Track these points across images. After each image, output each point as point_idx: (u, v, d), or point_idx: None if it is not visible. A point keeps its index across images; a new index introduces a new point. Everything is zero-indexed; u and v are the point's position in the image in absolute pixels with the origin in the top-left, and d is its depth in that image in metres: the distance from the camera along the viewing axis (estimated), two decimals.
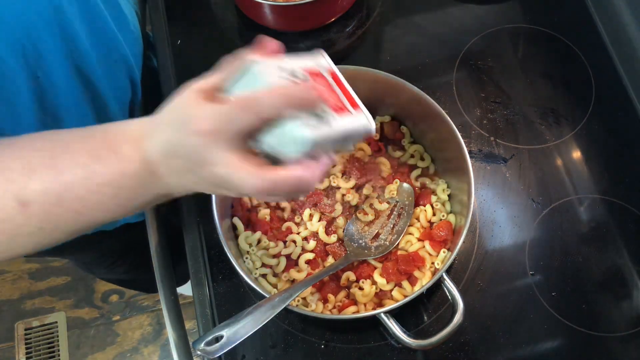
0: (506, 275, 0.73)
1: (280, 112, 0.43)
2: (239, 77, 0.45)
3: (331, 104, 0.47)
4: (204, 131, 0.43)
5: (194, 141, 0.43)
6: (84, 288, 1.65)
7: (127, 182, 0.47)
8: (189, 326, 1.37)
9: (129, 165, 0.47)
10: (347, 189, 0.73)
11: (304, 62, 0.49)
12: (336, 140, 0.47)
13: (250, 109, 0.43)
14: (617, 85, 0.84)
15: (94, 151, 0.47)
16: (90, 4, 0.67)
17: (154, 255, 0.76)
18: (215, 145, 0.43)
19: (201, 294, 0.72)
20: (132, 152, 0.47)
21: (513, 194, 0.77)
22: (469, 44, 0.87)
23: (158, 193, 0.49)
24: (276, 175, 0.44)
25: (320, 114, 0.45)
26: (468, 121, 0.82)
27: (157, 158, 0.46)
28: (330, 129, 0.45)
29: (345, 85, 0.51)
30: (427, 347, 0.61)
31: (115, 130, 0.49)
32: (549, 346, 0.70)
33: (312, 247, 0.71)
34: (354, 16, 0.90)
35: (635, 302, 0.72)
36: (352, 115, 0.48)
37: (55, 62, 0.63)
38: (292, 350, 0.70)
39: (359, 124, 0.49)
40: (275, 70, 0.45)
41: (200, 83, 0.46)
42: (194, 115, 0.44)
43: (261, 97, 0.43)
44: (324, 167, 0.47)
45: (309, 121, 0.44)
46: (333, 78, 0.51)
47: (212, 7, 0.92)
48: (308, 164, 0.45)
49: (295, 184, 0.45)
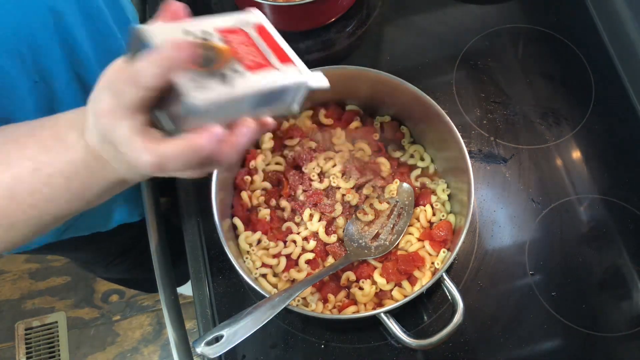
0: (506, 275, 0.73)
1: (166, 78, 0.40)
2: (140, 49, 0.41)
3: (249, 63, 0.43)
4: (105, 111, 0.41)
5: (103, 122, 0.42)
6: (84, 288, 1.65)
7: (75, 170, 0.46)
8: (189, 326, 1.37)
9: (75, 153, 0.46)
10: (347, 189, 0.73)
11: (220, 21, 0.45)
12: (259, 101, 0.43)
13: (130, 80, 0.40)
14: (617, 85, 0.84)
15: (43, 142, 0.47)
16: (92, 7, 0.67)
17: (154, 255, 0.76)
18: (115, 124, 0.41)
19: (201, 294, 0.72)
20: (78, 139, 0.45)
21: (513, 194, 0.77)
22: (469, 44, 0.87)
23: (110, 180, 0.47)
24: (167, 147, 0.41)
25: (229, 74, 0.41)
26: (468, 121, 0.82)
27: (96, 144, 0.45)
28: (236, 90, 0.41)
29: (277, 40, 0.47)
30: (427, 347, 0.61)
31: (64, 119, 0.48)
32: (549, 346, 0.70)
33: (312, 247, 0.71)
34: (354, 16, 0.90)
35: (635, 302, 0.72)
36: (278, 71, 0.44)
37: (55, 69, 0.64)
38: (292, 350, 0.70)
39: (288, 80, 0.44)
40: (175, 34, 0.42)
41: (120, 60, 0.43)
42: (99, 96, 0.42)
43: (139, 66, 0.40)
44: (247, 132, 0.44)
45: (212, 84, 0.40)
46: (261, 34, 0.46)
47: (212, 7, 0.92)
48: (212, 131, 0.42)
49: (197, 154, 0.41)
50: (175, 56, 0.40)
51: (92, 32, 0.67)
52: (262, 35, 0.47)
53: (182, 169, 0.43)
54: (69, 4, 0.62)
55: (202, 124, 0.41)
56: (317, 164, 0.74)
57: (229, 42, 0.44)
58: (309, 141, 0.75)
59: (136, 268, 1.16)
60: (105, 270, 1.18)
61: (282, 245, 0.71)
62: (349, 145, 0.76)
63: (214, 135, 0.42)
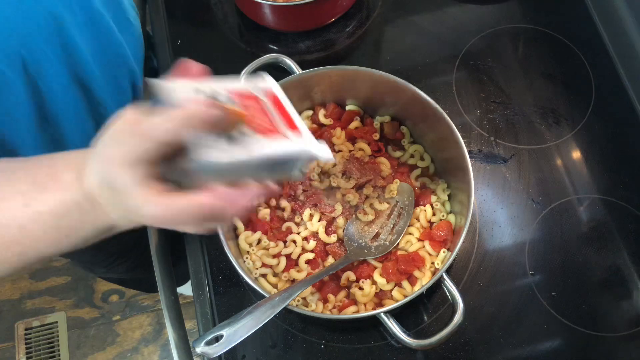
0: (506, 275, 0.73)
1: (178, 135, 0.41)
2: (154, 103, 0.43)
3: (257, 127, 0.44)
4: (113, 159, 0.42)
5: (108, 169, 0.42)
6: (84, 288, 1.65)
7: (67, 211, 0.45)
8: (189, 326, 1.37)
9: (68, 193, 0.45)
10: (347, 189, 0.73)
11: (234, 84, 0.46)
12: (264, 166, 0.44)
13: (143, 133, 0.41)
14: (617, 85, 0.84)
15: (37, 179, 0.46)
16: (92, 10, 0.67)
17: (154, 255, 0.76)
18: (123, 174, 0.41)
19: (201, 294, 0.72)
20: (73, 180, 0.45)
21: (513, 194, 0.77)
22: (469, 44, 0.87)
23: (100, 224, 0.47)
24: (176, 202, 0.42)
25: (237, 137, 0.42)
26: (468, 121, 0.82)
27: (94, 188, 0.44)
28: (247, 152, 0.42)
29: (287, 109, 0.48)
30: (427, 347, 0.61)
31: (62, 159, 0.47)
32: (549, 346, 0.70)
33: (312, 247, 0.71)
34: (354, 16, 0.90)
35: (635, 302, 0.72)
36: (287, 139, 0.45)
37: (55, 72, 0.64)
38: (292, 350, 0.70)
39: (296, 148, 0.45)
40: (188, 92, 0.43)
41: (131, 110, 0.44)
42: (109, 144, 0.43)
43: (155, 121, 0.41)
44: (250, 194, 0.44)
45: (220, 145, 0.41)
46: (273, 102, 0.48)
47: (212, 7, 0.92)
48: (217, 191, 0.43)
49: (200, 211, 0.42)
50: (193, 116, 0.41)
51: (93, 35, 0.67)
52: (272, 101, 0.47)
53: (184, 223, 0.43)
54: (69, 8, 0.62)
55: (208, 182, 0.43)
56: (317, 164, 0.74)
57: (240, 104, 0.45)
58: None
59: (136, 268, 1.16)
60: (105, 271, 1.18)
61: (282, 245, 0.71)
62: (349, 145, 0.76)
63: (221, 194, 0.43)
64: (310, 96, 0.76)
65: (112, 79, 0.74)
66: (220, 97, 0.44)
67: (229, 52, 0.89)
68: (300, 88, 0.74)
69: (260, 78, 0.49)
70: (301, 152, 0.45)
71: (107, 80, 0.72)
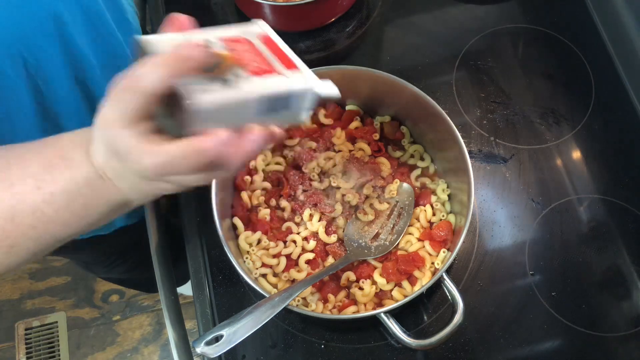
0: (506, 275, 0.73)
1: (167, 81, 0.39)
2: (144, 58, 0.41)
3: (253, 69, 0.42)
4: (109, 122, 0.41)
5: (108, 134, 0.42)
6: (84, 288, 1.65)
7: (79, 188, 0.45)
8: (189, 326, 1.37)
9: (79, 171, 0.45)
10: (347, 189, 0.73)
11: (224, 31, 0.45)
12: (265, 107, 0.42)
13: (131, 87, 0.40)
14: (617, 85, 0.84)
15: (47, 160, 0.46)
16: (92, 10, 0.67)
17: (154, 255, 0.76)
18: (119, 133, 0.41)
19: (201, 294, 0.72)
20: (82, 158, 0.45)
21: (513, 194, 0.77)
22: (469, 44, 0.87)
23: (113, 200, 0.47)
24: (171, 148, 0.40)
25: (232, 79, 0.41)
26: (468, 121, 0.82)
27: (101, 161, 0.44)
28: (239, 92, 0.41)
29: (283, 49, 0.46)
30: (427, 347, 0.61)
31: (68, 138, 0.47)
32: (549, 346, 0.70)
33: (312, 247, 0.71)
34: (354, 16, 0.90)
35: (635, 302, 0.72)
36: (283, 76, 0.43)
37: (56, 72, 0.64)
38: (292, 350, 0.70)
39: (294, 85, 0.43)
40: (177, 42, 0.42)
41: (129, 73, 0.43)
42: (104, 109, 0.42)
43: (140, 71, 0.40)
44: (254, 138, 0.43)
45: (210, 88, 0.40)
46: (268, 45, 0.46)
47: (212, 7, 0.92)
48: (219, 135, 0.41)
49: (202, 156, 0.41)
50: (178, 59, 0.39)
51: (94, 35, 0.68)
52: (267, 44, 0.46)
53: (186, 172, 0.42)
54: (70, 8, 0.62)
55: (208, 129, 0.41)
56: (317, 164, 0.74)
57: (232, 49, 0.44)
58: (308, 141, 0.75)
59: (136, 268, 1.16)
60: (105, 271, 1.18)
61: (282, 245, 0.71)
62: (349, 145, 0.76)
63: (219, 138, 0.41)
64: None
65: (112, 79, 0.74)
66: (213, 45, 0.43)
67: None
68: None
69: (253, 24, 0.47)
70: (302, 89, 0.44)
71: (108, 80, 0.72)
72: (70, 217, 0.47)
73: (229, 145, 0.42)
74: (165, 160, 0.41)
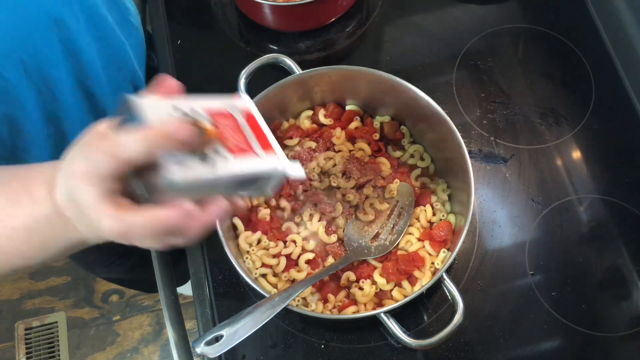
0: (506, 275, 0.73)
1: (148, 155, 0.40)
2: (128, 119, 0.42)
3: (231, 146, 0.44)
4: (77, 173, 0.41)
5: (72, 184, 0.42)
6: (84, 288, 1.65)
7: (38, 225, 0.46)
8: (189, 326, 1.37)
9: (39, 208, 0.45)
10: (347, 189, 0.73)
11: (210, 102, 0.46)
12: (234, 184, 0.44)
13: (109, 151, 0.40)
14: (617, 85, 0.84)
15: (12, 193, 0.46)
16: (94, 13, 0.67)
17: (154, 255, 0.76)
18: (84, 187, 0.41)
19: (201, 294, 0.72)
20: (45, 195, 0.45)
21: (513, 194, 0.77)
22: (469, 44, 0.87)
23: (71, 239, 0.47)
24: (135, 217, 0.41)
25: (211, 156, 0.42)
26: (468, 121, 0.82)
27: (61, 201, 0.44)
28: (213, 171, 0.42)
29: (262, 128, 0.49)
30: (427, 347, 0.61)
31: (36, 172, 0.47)
32: (549, 346, 0.70)
33: (312, 247, 0.71)
34: (354, 16, 0.90)
35: (635, 302, 0.72)
36: (258, 158, 0.46)
37: (58, 75, 0.64)
38: (292, 350, 0.70)
39: (266, 167, 0.46)
40: (164, 109, 0.43)
41: (104, 124, 0.44)
42: (75, 158, 0.42)
43: (124, 140, 0.40)
44: (216, 211, 0.44)
45: (191, 163, 0.41)
46: (249, 121, 0.48)
47: (212, 7, 0.92)
48: (180, 206, 0.42)
49: (159, 226, 0.42)
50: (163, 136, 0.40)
51: (95, 38, 0.67)
52: (248, 121, 0.48)
53: (143, 238, 0.43)
54: (72, 12, 0.62)
55: (175, 198, 0.42)
56: (317, 164, 0.74)
57: (216, 124, 0.45)
58: (308, 141, 0.75)
59: (136, 268, 1.16)
60: (105, 271, 1.18)
61: (282, 245, 0.71)
62: (349, 145, 0.76)
63: (183, 211, 0.42)
64: (310, 96, 0.76)
65: (114, 81, 0.74)
66: (196, 115, 0.44)
67: (229, 52, 0.89)
68: (300, 88, 0.74)
69: (237, 97, 0.49)
70: (271, 171, 0.46)
71: (110, 82, 0.72)
72: (29, 251, 0.47)
73: (191, 218, 0.43)
74: (124, 228, 0.41)
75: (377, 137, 0.76)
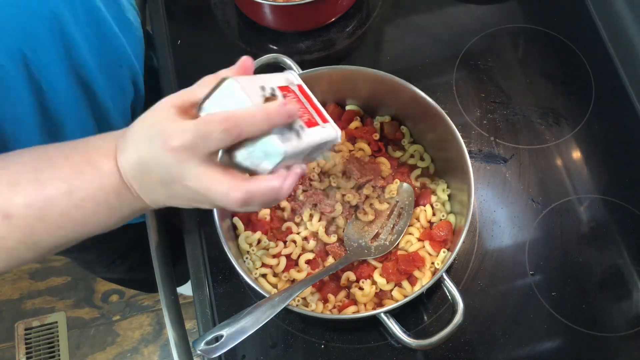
0: (506, 275, 0.73)
1: (261, 131, 0.44)
2: (214, 94, 0.45)
3: (304, 119, 0.49)
4: (177, 147, 0.43)
5: (166, 157, 0.44)
6: (84, 288, 1.65)
7: (106, 197, 0.48)
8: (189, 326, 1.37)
9: (107, 180, 0.47)
10: (347, 189, 0.73)
11: (276, 79, 0.51)
12: (307, 151, 0.49)
13: (232, 129, 0.43)
14: (617, 85, 0.84)
15: (76, 166, 0.48)
16: (93, 10, 0.67)
17: (154, 255, 0.76)
18: (188, 161, 0.43)
19: (201, 294, 0.72)
20: (110, 167, 0.47)
21: (513, 194, 0.77)
22: (469, 44, 0.87)
23: (135, 208, 0.50)
24: (252, 186, 0.45)
25: (295, 128, 0.47)
26: (468, 121, 0.82)
27: (130, 173, 0.46)
28: (301, 141, 0.47)
29: (312, 99, 0.53)
30: (427, 347, 0.61)
31: (96, 144, 0.49)
32: (549, 346, 0.70)
33: (312, 247, 0.71)
34: (354, 16, 0.90)
35: (635, 302, 0.72)
36: (321, 127, 0.51)
37: (56, 71, 0.64)
38: (292, 350, 0.70)
39: (327, 135, 0.51)
40: (252, 88, 0.46)
41: (175, 98, 0.46)
42: (167, 131, 0.44)
43: (243, 118, 0.43)
44: (295, 176, 0.48)
45: (283, 134, 0.46)
46: (301, 92, 0.53)
47: (212, 7, 0.92)
48: (282, 174, 0.46)
49: (270, 193, 0.46)
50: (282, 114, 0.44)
51: (94, 35, 0.68)
52: (303, 94, 0.52)
53: (261, 205, 0.47)
54: (71, 8, 0.63)
55: (273, 168, 0.46)
56: (317, 164, 0.74)
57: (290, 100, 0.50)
58: None
59: (136, 268, 1.16)
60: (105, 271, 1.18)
61: (282, 245, 0.71)
62: (349, 145, 0.76)
63: (283, 178, 0.46)
64: None
65: (113, 78, 0.74)
66: (274, 93, 0.48)
67: (229, 52, 0.89)
68: None
69: (289, 73, 0.53)
70: (332, 138, 0.52)
71: (109, 79, 0.72)
72: (96, 220, 0.50)
73: (288, 183, 0.47)
74: (248, 197, 0.45)
75: (377, 137, 0.76)
